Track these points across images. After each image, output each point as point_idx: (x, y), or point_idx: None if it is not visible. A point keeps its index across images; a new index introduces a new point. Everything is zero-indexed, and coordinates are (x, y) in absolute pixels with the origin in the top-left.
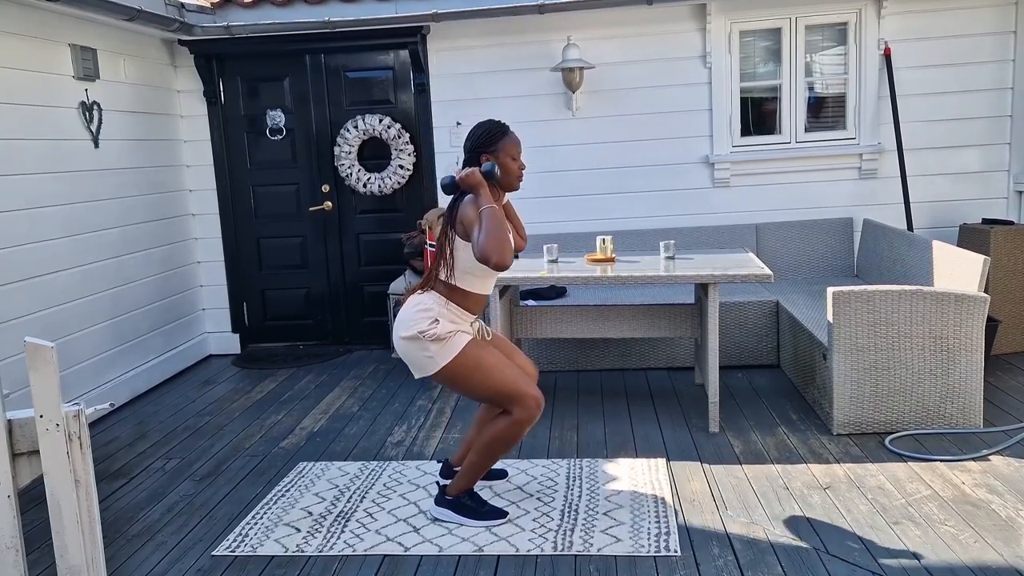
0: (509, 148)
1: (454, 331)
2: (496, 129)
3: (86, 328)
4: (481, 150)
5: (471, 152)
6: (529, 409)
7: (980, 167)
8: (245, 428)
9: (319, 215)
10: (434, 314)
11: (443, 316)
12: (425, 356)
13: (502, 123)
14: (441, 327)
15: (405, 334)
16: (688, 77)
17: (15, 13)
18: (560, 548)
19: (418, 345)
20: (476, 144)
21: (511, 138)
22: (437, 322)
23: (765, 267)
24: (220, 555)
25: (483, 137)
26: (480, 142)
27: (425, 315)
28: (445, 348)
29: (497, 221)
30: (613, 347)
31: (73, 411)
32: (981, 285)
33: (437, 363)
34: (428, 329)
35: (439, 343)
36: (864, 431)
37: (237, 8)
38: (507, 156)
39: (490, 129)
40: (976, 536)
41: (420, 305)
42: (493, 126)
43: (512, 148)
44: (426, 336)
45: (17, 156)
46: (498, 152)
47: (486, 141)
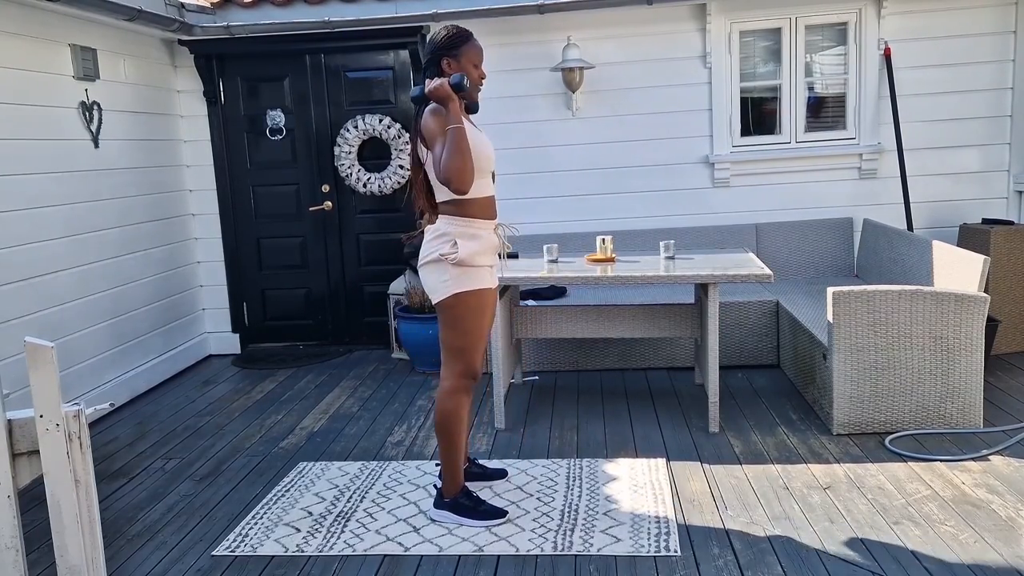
0: (472, 54)
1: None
2: (458, 33)
3: (86, 328)
4: (442, 52)
5: (431, 54)
6: (464, 378)
7: (980, 167)
8: (245, 428)
9: (319, 215)
10: (451, 236)
11: (461, 235)
12: (441, 280)
13: (466, 29)
14: (462, 249)
15: (427, 259)
16: (688, 77)
17: (15, 13)
18: (560, 548)
19: (438, 269)
20: (437, 47)
21: (474, 44)
22: (455, 243)
23: (765, 267)
24: (220, 555)
25: (445, 40)
26: (441, 44)
27: (443, 240)
28: (462, 278)
29: (463, 142)
30: (613, 347)
31: (73, 411)
32: (981, 285)
33: (450, 288)
34: (449, 252)
35: (458, 269)
36: (864, 431)
37: (237, 8)
38: (469, 63)
39: (453, 32)
40: (976, 536)
41: (436, 232)
42: (456, 30)
43: (475, 55)
44: (448, 259)
45: (17, 156)
46: (460, 57)
47: (447, 44)
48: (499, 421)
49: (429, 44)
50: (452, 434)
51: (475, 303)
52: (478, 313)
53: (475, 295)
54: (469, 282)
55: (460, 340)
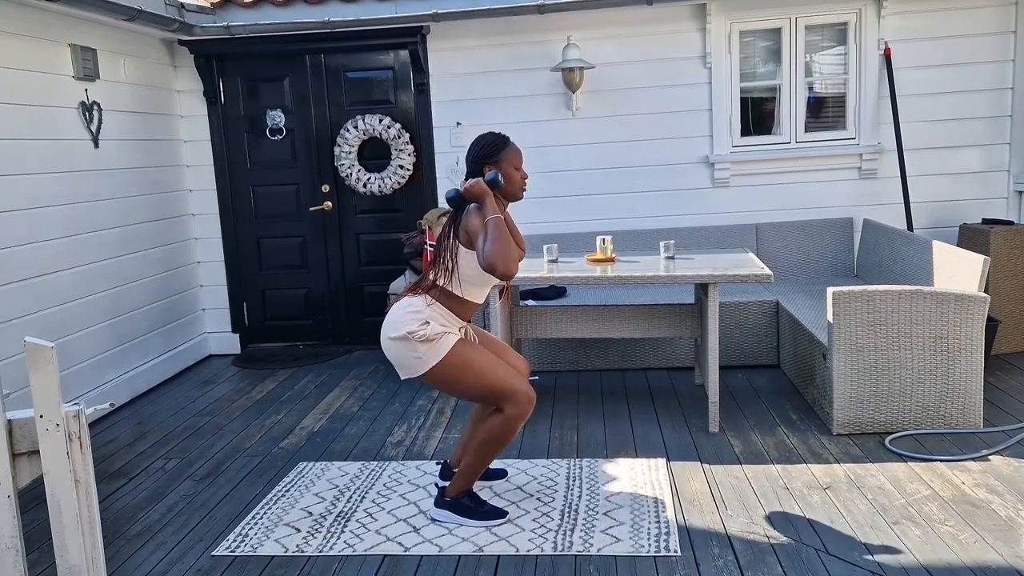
0: (511, 158)
1: (443, 333)
2: (497, 140)
3: (86, 328)
4: (483, 162)
5: (474, 164)
6: (520, 405)
7: (980, 167)
8: (245, 428)
9: (319, 215)
10: (424, 316)
11: (433, 319)
12: (413, 357)
13: (502, 134)
14: (431, 329)
15: (394, 335)
16: (688, 77)
17: (15, 13)
18: (560, 548)
19: (406, 346)
20: (478, 156)
21: (512, 148)
22: (427, 324)
23: (765, 267)
24: (220, 555)
25: (484, 149)
26: (482, 154)
27: (415, 317)
28: (433, 349)
29: (503, 230)
30: (613, 347)
31: (73, 411)
32: (981, 285)
33: (426, 363)
34: (418, 330)
35: (427, 344)
36: (864, 431)
37: (237, 8)
38: (510, 166)
39: (491, 141)
40: (976, 536)
41: (410, 307)
42: (493, 138)
43: (514, 158)
44: (415, 337)
45: (17, 156)
46: (500, 163)
47: (488, 153)
48: None
49: (469, 153)
50: (492, 455)
51: (458, 358)
52: (465, 359)
53: (452, 354)
54: (440, 349)
55: (479, 384)
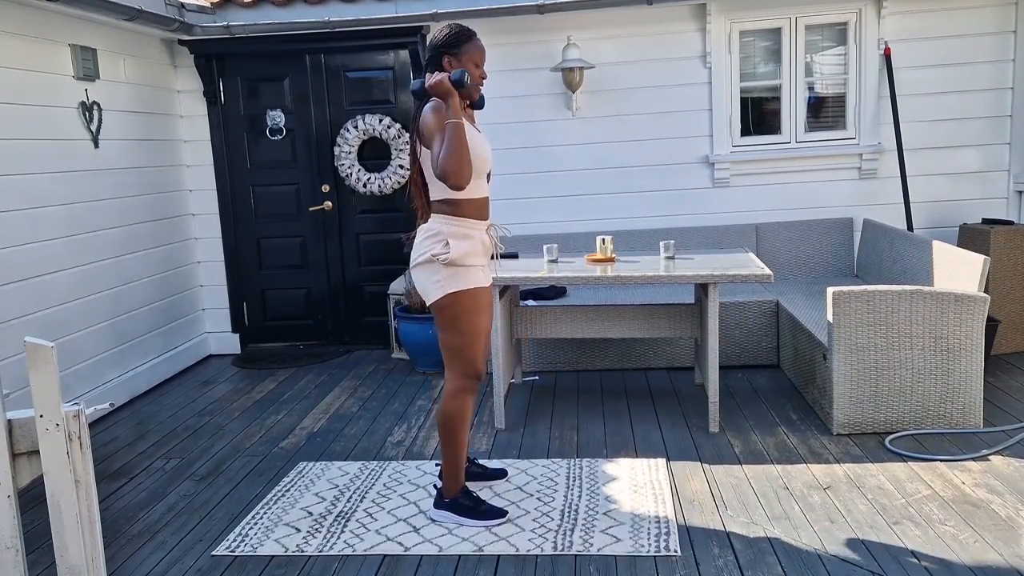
0: (473, 53)
1: (468, 262)
2: (462, 31)
3: (86, 328)
4: (444, 50)
5: (433, 51)
6: (467, 378)
7: (980, 167)
8: (245, 428)
9: (319, 215)
10: (444, 236)
11: (453, 235)
12: (434, 281)
13: (468, 28)
14: (453, 249)
15: (419, 260)
16: (688, 77)
17: (15, 13)
18: (560, 548)
19: (430, 270)
20: (440, 44)
21: (476, 43)
22: (447, 243)
23: (765, 267)
24: (220, 555)
25: (446, 38)
26: (445, 42)
27: (435, 239)
28: (455, 278)
29: (459, 138)
30: (613, 347)
31: (73, 411)
32: (981, 285)
33: (444, 288)
34: (441, 252)
35: (451, 269)
36: (864, 431)
37: (237, 8)
38: (470, 62)
39: (456, 31)
40: (976, 536)
41: (428, 231)
42: (459, 28)
43: (477, 54)
44: (439, 259)
45: (17, 156)
46: (461, 56)
47: (449, 42)
48: (499, 421)
49: (431, 42)
50: (455, 435)
51: (469, 302)
52: (474, 312)
53: (469, 294)
54: (462, 281)
55: (458, 340)
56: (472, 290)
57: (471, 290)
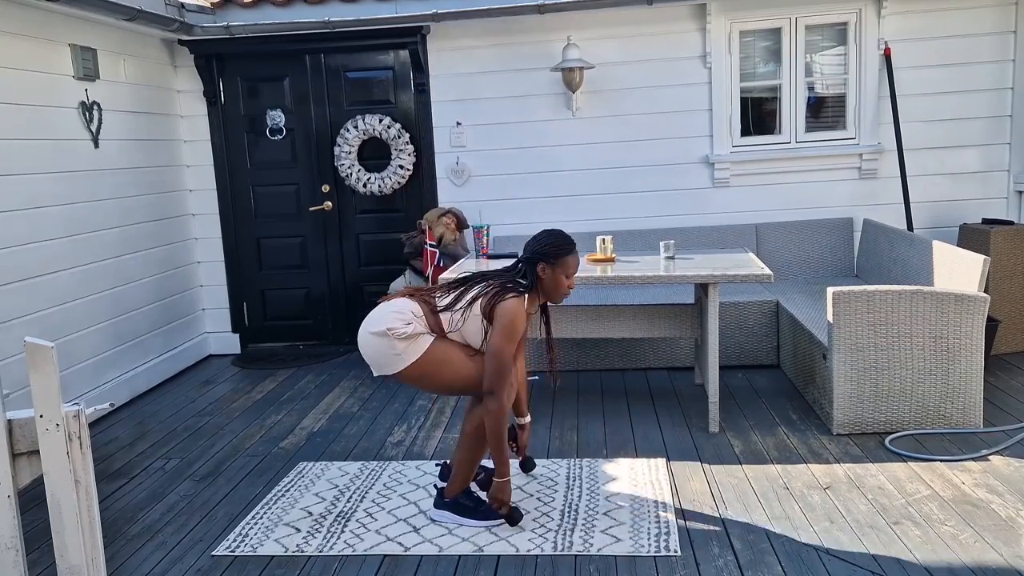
0: (568, 266)
1: (422, 332)
2: (564, 244)
3: (86, 328)
4: (543, 258)
5: (532, 256)
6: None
7: (980, 167)
8: (245, 428)
9: (319, 215)
10: (408, 319)
11: (418, 329)
12: (392, 354)
13: (571, 239)
14: (412, 328)
15: (374, 330)
16: (688, 77)
17: (15, 13)
18: (560, 548)
19: (386, 342)
20: (539, 251)
21: (574, 256)
22: (410, 324)
23: (765, 267)
24: (220, 555)
25: (550, 247)
26: (544, 251)
27: (399, 317)
28: (413, 346)
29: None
30: (613, 347)
31: (73, 411)
32: (981, 285)
33: (405, 360)
34: (399, 328)
35: (407, 341)
36: (864, 431)
37: (237, 8)
38: (563, 273)
39: (559, 243)
40: (976, 536)
41: (398, 310)
42: (563, 240)
43: (571, 266)
44: (395, 334)
45: (17, 156)
46: (556, 267)
47: (551, 253)
48: None
49: (532, 242)
50: (483, 448)
51: (438, 355)
52: (445, 354)
53: (430, 350)
54: (419, 347)
55: (460, 378)
56: (432, 346)
57: (431, 346)
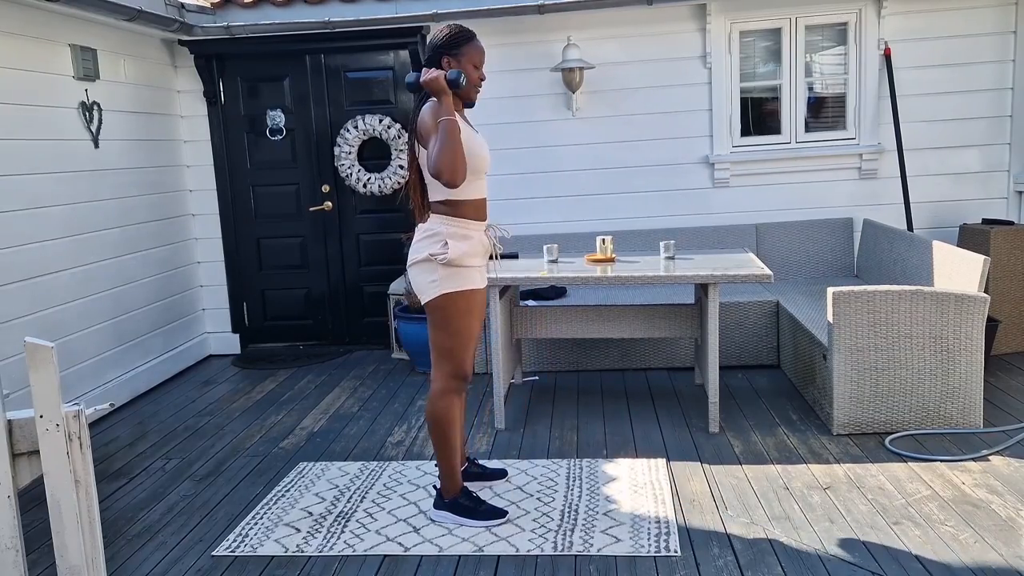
0: (473, 55)
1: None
2: (461, 32)
3: (86, 328)
4: (443, 51)
5: (433, 51)
6: (454, 379)
7: (980, 167)
8: (245, 428)
9: (319, 215)
10: (442, 236)
11: (452, 236)
12: (430, 280)
13: (469, 29)
14: (452, 250)
15: (416, 259)
16: (688, 77)
17: (15, 13)
18: (560, 548)
19: (427, 268)
20: (438, 45)
21: (475, 45)
22: (446, 243)
23: (765, 267)
24: (220, 555)
25: (447, 39)
26: (443, 43)
27: (433, 239)
28: (451, 278)
29: (453, 136)
30: (613, 347)
31: (73, 411)
32: (981, 285)
33: (440, 288)
34: (439, 252)
35: (448, 269)
36: (864, 431)
37: (237, 8)
38: (469, 63)
39: (456, 32)
40: (976, 536)
41: (426, 231)
42: (459, 28)
43: (476, 55)
44: (437, 259)
45: (17, 156)
46: (461, 57)
47: (450, 43)
48: (499, 421)
49: (430, 42)
50: (444, 435)
51: (464, 304)
52: (467, 314)
53: (464, 296)
54: (458, 282)
55: (449, 341)
56: (468, 291)
57: (466, 291)
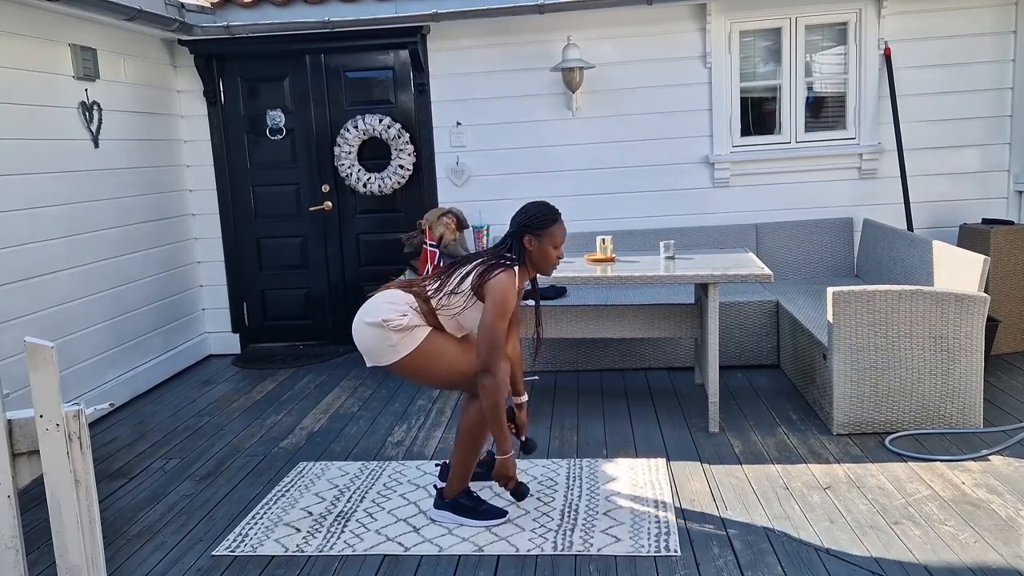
0: (554, 236)
1: (417, 325)
2: (548, 214)
3: (86, 328)
4: (528, 230)
5: (518, 228)
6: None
7: (980, 167)
8: (245, 428)
9: (319, 215)
10: (404, 311)
11: (414, 320)
12: (387, 345)
13: (555, 208)
14: (408, 320)
15: (369, 320)
16: (688, 77)
17: (15, 13)
18: (560, 548)
19: (381, 333)
20: (525, 223)
21: (559, 226)
22: (405, 315)
23: (765, 267)
24: (220, 555)
25: (534, 219)
26: (530, 222)
27: (395, 308)
28: (408, 338)
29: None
30: (613, 347)
31: (73, 411)
32: (981, 285)
33: (399, 352)
34: (395, 319)
35: (402, 333)
36: (864, 431)
37: (237, 8)
38: (550, 244)
39: (543, 213)
40: (976, 536)
41: (393, 301)
42: (546, 210)
43: (557, 237)
44: (390, 326)
45: (17, 156)
46: (543, 237)
47: (536, 223)
48: None
49: (518, 215)
50: (479, 445)
51: (432, 348)
52: (439, 348)
53: (425, 343)
54: (414, 339)
55: (454, 371)
56: (426, 339)
57: (426, 339)
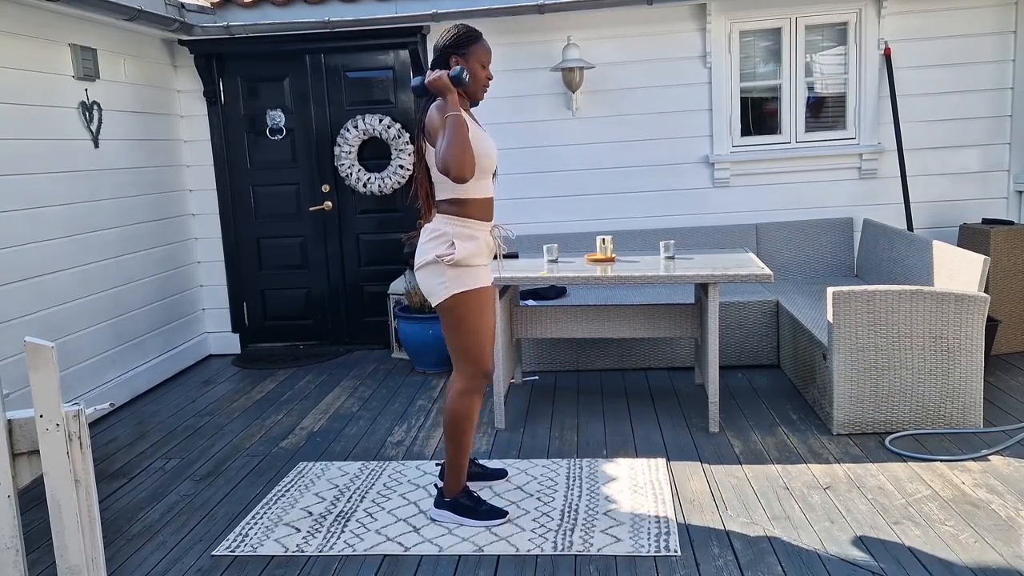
0: (479, 54)
1: (473, 262)
2: (468, 32)
3: (86, 328)
4: (451, 51)
5: (440, 52)
6: (475, 378)
7: (980, 167)
8: (245, 428)
9: (319, 215)
10: (449, 236)
11: (459, 236)
12: (438, 282)
13: (475, 28)
14: (459, 250)
15: (423, 261)
16: (688, 77)
17: (15, 13)
18: (560, 548)
19: (435, 271)
20: (446, 45)
21: (482, 44)
22: (453, 244)
23: (765, 267)
24: (220, 555)
25: (454, 38)
26: (450, 44)
27: (439, 240)
28: (459, 279)
29: (460, 131)
30: (613, 347)
31: (73, 411)
32: (981, 285)
33: (449, 290)
34: (445, 253)
35: (456, 270)
36: (864, 431)
37: (237, 8)
38: (476, 62)
39: (462, 32)
40: (976, 536)
41: (433, 232)
42: (465, 28)
43: (482, 55)
44: (444, 260)
45: (17, 156)
46: (468, 56)
47: (456, 43)
48: (499, 421)
49: (437, 43)
50: (462, 434)
51: (475, 302)
52: (479, 312)
53: (474, 294)
54: (467, 282)
55: (466, 341)
56: (477, 290)
57: (476, 290)
